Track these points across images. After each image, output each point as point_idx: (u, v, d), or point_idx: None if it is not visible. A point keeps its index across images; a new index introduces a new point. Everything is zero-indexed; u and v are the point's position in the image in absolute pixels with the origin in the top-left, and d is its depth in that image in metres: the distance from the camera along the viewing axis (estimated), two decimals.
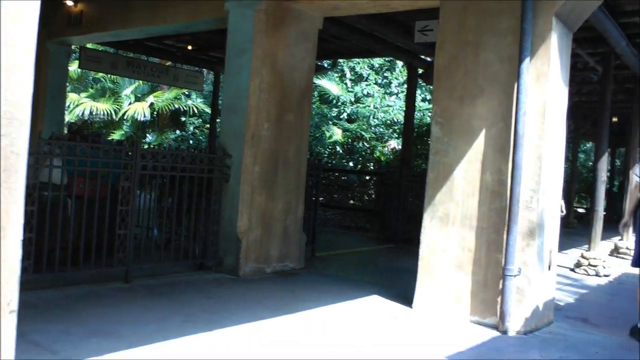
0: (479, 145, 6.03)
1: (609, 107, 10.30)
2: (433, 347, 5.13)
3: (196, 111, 20.88)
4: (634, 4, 8.38)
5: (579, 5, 6.00)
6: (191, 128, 21.16)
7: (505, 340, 5.55)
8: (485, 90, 6.01)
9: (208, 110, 19.25)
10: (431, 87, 16.49)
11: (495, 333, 5.69)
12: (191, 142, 19.85)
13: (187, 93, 20.90)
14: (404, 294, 6.62)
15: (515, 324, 5.71)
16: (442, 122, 6.28)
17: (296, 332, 5.21)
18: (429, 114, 16.71)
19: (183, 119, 21.22)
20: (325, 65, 15.08)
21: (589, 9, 6.37)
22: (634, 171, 6.53)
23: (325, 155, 17.11)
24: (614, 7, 8.31)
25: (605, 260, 10.28)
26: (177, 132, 20.85)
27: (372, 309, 6.28)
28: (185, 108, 20.76)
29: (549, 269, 6.15)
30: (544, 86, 5.71)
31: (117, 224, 6.26)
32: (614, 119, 12.08)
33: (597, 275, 9.85)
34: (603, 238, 10.72)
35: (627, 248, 12.64)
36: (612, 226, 13.93)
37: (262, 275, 7.41)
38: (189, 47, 13.66)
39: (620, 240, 13.03)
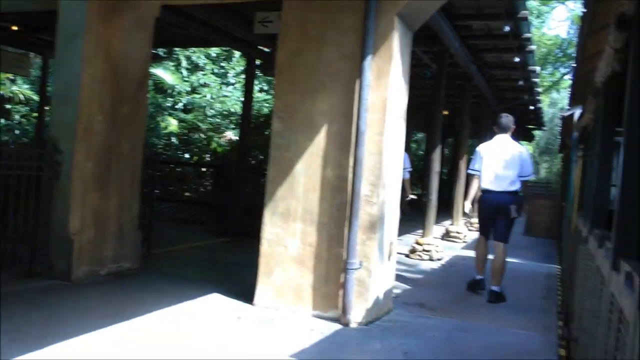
0: (320, 141, 6.06)
1: (442, 102, 10.84)
2: (277, 347, 5.09)
3: (22, 98, 19.44)
4: (467, 8, 8.89)
5: (420, 7, 6.19)
6: (17, 117, 19.71)
7: (347, 332, 5.65)
8: (327, 86, 6.05)
9: (36, 97, 18.00)
10: (269, 79, 16.58)
11: (338, 326, 5.77)
12: (17, 132, 18.48)
13: (12, 78, 19.40)
14: (245, 291, 6.51)
15: (356, 315, 5.83)
16: (283, 116, 6.25)
17: (135, 342, 4.91)
18: (267, 105, 16.80)
19: (8, 106, 19.68)
20: (161, 53, 14.64)
21: (430, 11, 6.60)
22: (470, 165, 8.08)
23: (161, 146, 16.61)
24: (450, 10, 8.76)
25: (438, 245, 10.84)
26: (2, 121, 19.33)
27: (213, 309, 6.11)
28: (10, 94, 19.27)
29: (389, 259, 6.35)
30: (385, 83, 5.83)
31: None
32: (445, 113, 12.73)
33: (430, 259, 10.37)
34: (435, 223, 11.29)
35: (457, 232, 13.47)
36: (442, 211, 14.77)
37: (96, 278, 6.96)
38: (14, 28, 12.65)
39: (451, 225, 13.84)
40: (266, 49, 12.03)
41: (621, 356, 2.52)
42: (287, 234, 6.18)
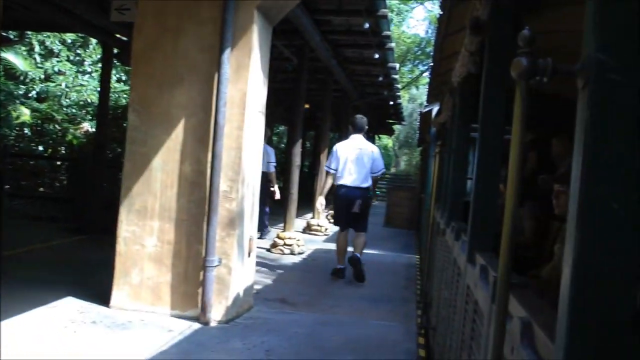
0: (178, 135, 5.86)
1: (303, 96, 10.86)
2: (134, 351, 4.84)
3: None
4: (328, 3, 8.94)
5: (280, 1, 6.12)
6: None
7: (207, 332, 5.50)
8: (185, 78, 5.85)
9: None
10: (128, 68, 15.94)
11: (198, 325, 5.61)
12: None
13: None
14: (101, 292, 6.13)
15: (217, 314, 5.71)
16: (140, 109, 5.97)
17: None
18: (125, 96, 16.15)
19: None
20: (12, 37, 13.63)
21: (290, 5, 6.55)
22: (327, 163, 8.75)
23: (12, 138, 15.53)
24: (310, 5, 8.76)
25: (300, 238, 10.88)
26: None
27: (67, 314, 5.69)
28: None
29: (249, 255, 6.26)
30: (245, 77, 5.73)
31: None
32: (307, 106, 12.79)
33: (292, 253, 10.37)
34: (296, 216, 11.32)
35: (318, 225, 13.58)
36: (304, 204, 14.87)
37: None
38: None
39: (312, 218, 13.93)
40: (124, 38, 11.52)
41: (476, 345, 2.57)
42: (144, 232, 5.93)
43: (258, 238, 8.13)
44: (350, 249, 8.52)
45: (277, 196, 11.18)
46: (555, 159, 4.21)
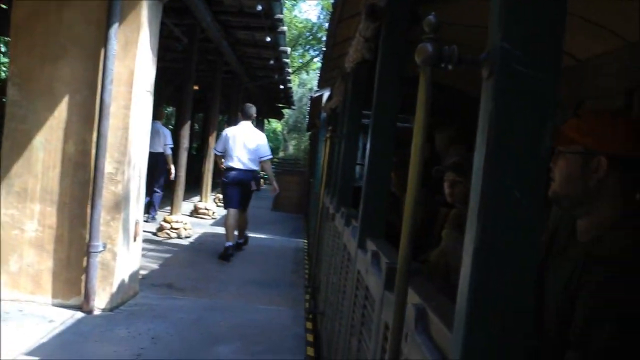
0: (61, 113, 5.54)
1: (193, 77, 10.62)
2: (10, 345, 4.53)
3: None
4: None
5: None
6: None
7: (91, 320, 5.29)
8: (69, 52, 5.52)
9: None
10: (7, 39, 15.01)
11: (81, 314, 5.37)
12: None
13: None
14: None
15: (101, 301, 5.51)
16: (20, 83, 5.59)
17: None
18: (4, 69, 15.25)
19: None
20: None
21: None
22: (215, 146, 9.69)
23: None
24: None
25: (187, 222, 10.70)
26: None
27: None
28: None
29: (135, 240, 6.08)
30: (133, 54, 5.50)
31: None
32: (196, 87, 12.52)
33: (179, 237, 10.19)
34: (184, 199, 11.13)
35: (206, 209, 13.41)
36: (191, 187, 14.64)
37: None
38: None
39: (200, 201, 13.72)
40: (3, 6, 10.82)
41: (367, 330, 2.58)
42: (24, 216, 5.60)
43: (144, 221, 7.92)
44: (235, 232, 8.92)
45: (172, 176, 11.07)
46: (439, 152, 4.28)
